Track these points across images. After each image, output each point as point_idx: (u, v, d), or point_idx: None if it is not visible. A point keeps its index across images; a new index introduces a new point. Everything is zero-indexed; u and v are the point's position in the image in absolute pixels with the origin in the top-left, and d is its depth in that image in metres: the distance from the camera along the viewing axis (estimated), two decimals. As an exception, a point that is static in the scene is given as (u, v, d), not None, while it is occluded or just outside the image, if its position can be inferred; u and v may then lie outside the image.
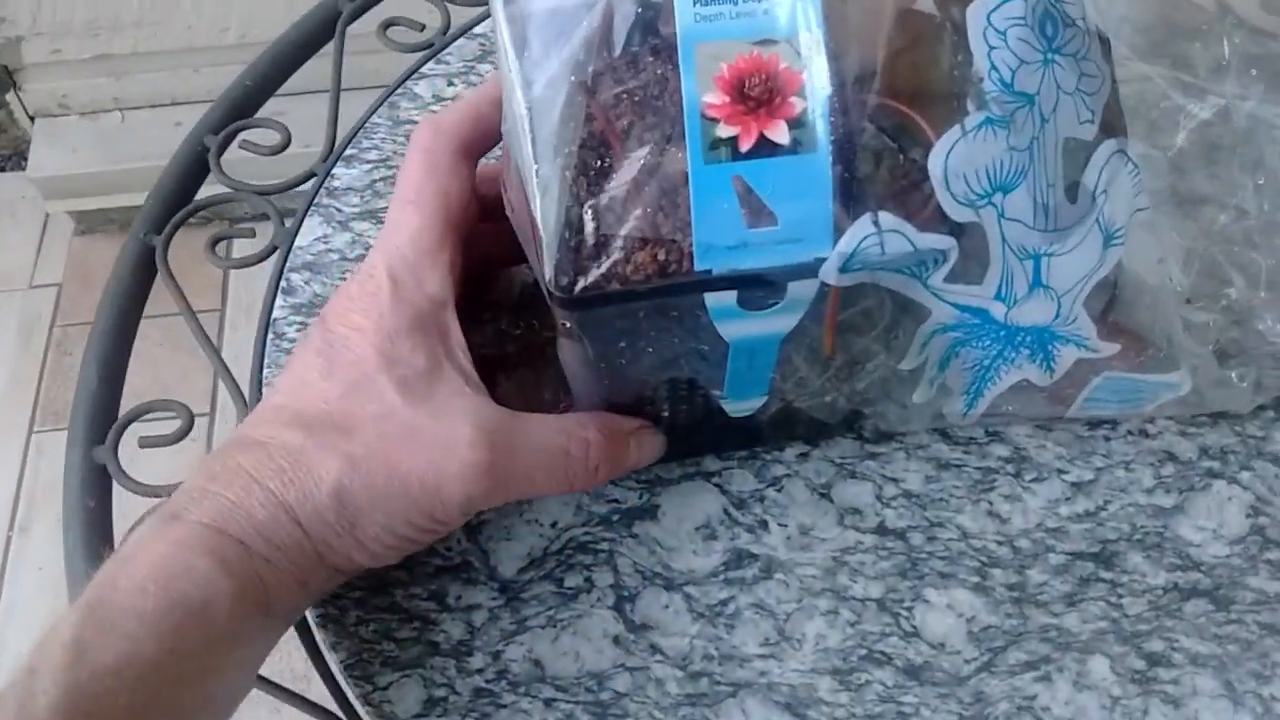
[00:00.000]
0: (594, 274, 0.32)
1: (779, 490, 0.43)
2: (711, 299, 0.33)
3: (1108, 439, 0.44)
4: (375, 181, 0.52)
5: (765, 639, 0.40)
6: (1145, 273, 0.40)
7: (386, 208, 0.50)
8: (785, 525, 0.42)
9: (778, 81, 0.31)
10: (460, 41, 0.57)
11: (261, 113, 0.57)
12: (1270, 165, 0.42)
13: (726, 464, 0.44)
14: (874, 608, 0.41)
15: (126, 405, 0.49)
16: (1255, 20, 0.54)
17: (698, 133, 0.31)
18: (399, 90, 0.55)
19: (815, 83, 0.31)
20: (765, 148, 0.31)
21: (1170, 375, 0.41)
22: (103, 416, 0.46)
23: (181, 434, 0.46)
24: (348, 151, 0.53)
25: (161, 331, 1.26)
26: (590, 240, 0.32)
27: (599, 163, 0.32)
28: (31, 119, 1.54)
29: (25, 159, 1.64)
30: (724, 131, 0.31)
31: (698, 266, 0.32)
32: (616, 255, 0.32)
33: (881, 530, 0.42)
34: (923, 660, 0.40)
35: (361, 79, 0.66)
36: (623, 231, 0.32)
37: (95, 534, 0.43)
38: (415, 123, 0.54)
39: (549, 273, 0.32)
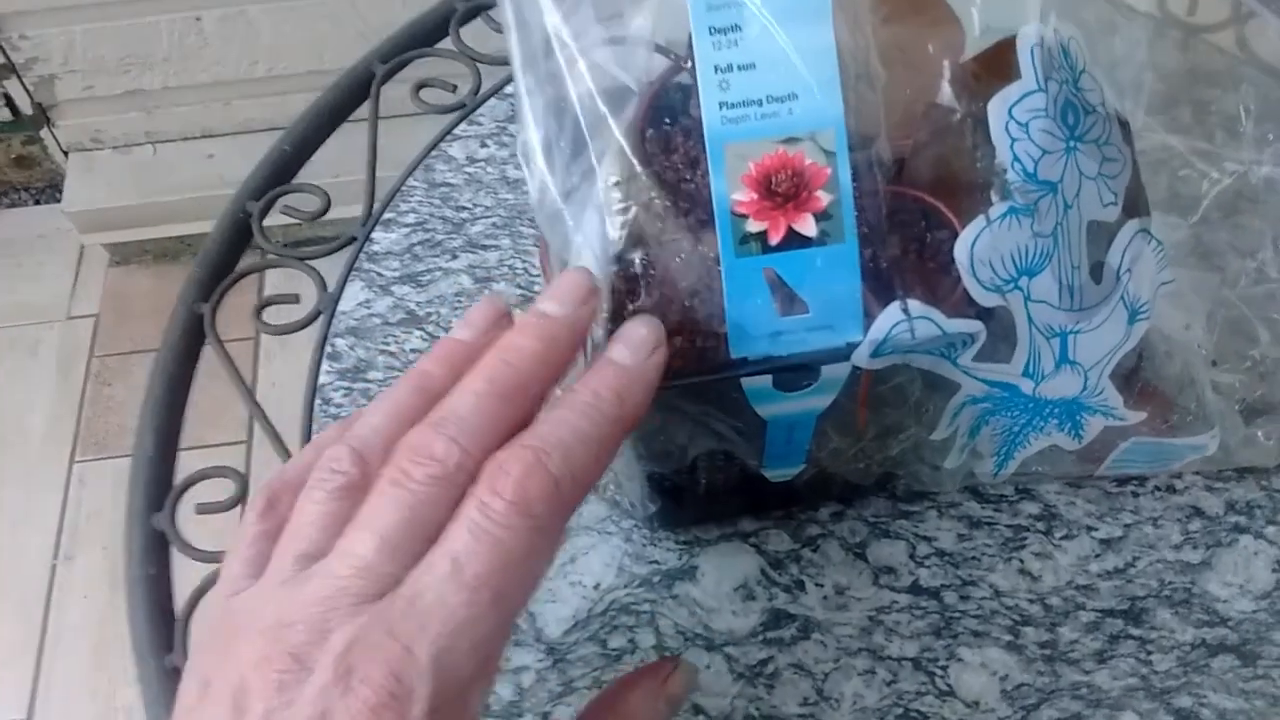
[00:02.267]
0: (635, 364, 0.33)
1: (815, 550, 0.44)
2: (748, 383, 0.34)
3: (1136, 495, 0.45)
4: (413, 245, 0.54)
5: (804, 699, 0.41)
6: (1172, 339, 0.41)
7: (425, 271, 0.52)
8: (821, 585, 0.44)
9: (804, 177, 0.32)
10: (492, 102, 0.59)
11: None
12: (1289, 226, 0.42)
13: (763, 524, 0.45)
14: (910, 667, 0.42)
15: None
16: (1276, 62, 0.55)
17: (728, 229, 0.32)
18: (433, 153, 0.57)
19: (841, 177, 0.32)
20: (794, 240, 0.32)
21: (1198, 438, 0.41)
22: (159, 484, 0.47)
23: (236, 500, 0.47)
24: (385, 215, 0.55)
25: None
26: (631, 333, 0.33)
27: (635, 258, 0.33)
28: (65, 153, 1.57)
29: (59, 192, 1.68)
30: (753, 226, 0.32)
31: (733, 354, 0.33)
32: (656, 347, 0.33)
33: (916, 589, 0.43)
34: (958, 718, 0.41)
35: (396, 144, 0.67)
36: (663, 322, 0.33)
37: (157, 600, 0.45)
38: (452, 184, 0.56)
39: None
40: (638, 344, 0.31)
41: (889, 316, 0.33)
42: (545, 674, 0.42)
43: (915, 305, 0.33)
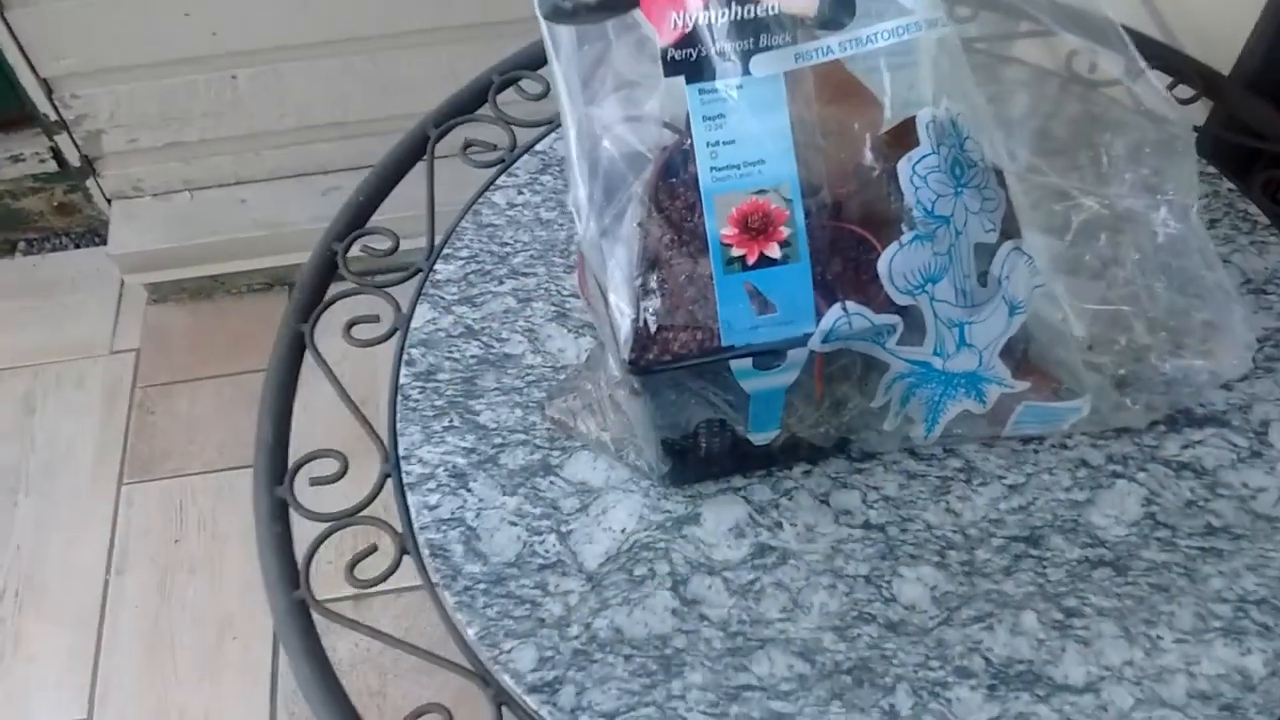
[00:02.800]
0: (653, 352, 0.47)
1: (789, 499, 0.58)
2: (735, 364, 0.48)
3: (1036, 451, 0.59)
4: (468, 274, 0.68)
5: (783, 607, 0.55)
6: (1052, 328, 0.54)
7: (478, 294, 0.65)
8: (795, 525, 0.57)
9: (770, 217, 0.46)
10: (525, 158, 0.73)
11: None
12: (1142, 246, 0.56)
13: (749, 480, 0.59)
14: (863, 582, 0.55)
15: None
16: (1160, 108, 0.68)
17: (718, 254, 0.46)
18: (480, 200, 0.71)
19: (796, 217, 0.46)
20: (765, 262, 0.46)
21: (1074, 402, 0.55)
22: (278, 463, 0.61)
23: (339, 475, 0.61)
24: (444, 251, 0.69)
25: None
26: (651, 330, 0.47)
27: (653, 276, 0.47)
28: (109, 201, 1.71)
29: (98, 236, 1.81)
30: (736, 252, 0.46)
31: (724, 343, 0.47)
32: (668, 339, 0.47)
33: (867, 526, 0.57)
34: (899, 618, 0.54)
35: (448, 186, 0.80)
36: (671, 323, 0.47)
37: (283, 550, 0.58)
38: (496, 225, 0.70)
39: (625, 354, 0.47)
40: None
41: (833, 314, 0.47)
42: (586, 595, 0.56)
43: (851, 305, 0.47)
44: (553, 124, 0.75)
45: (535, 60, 0.77)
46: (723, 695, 0.52)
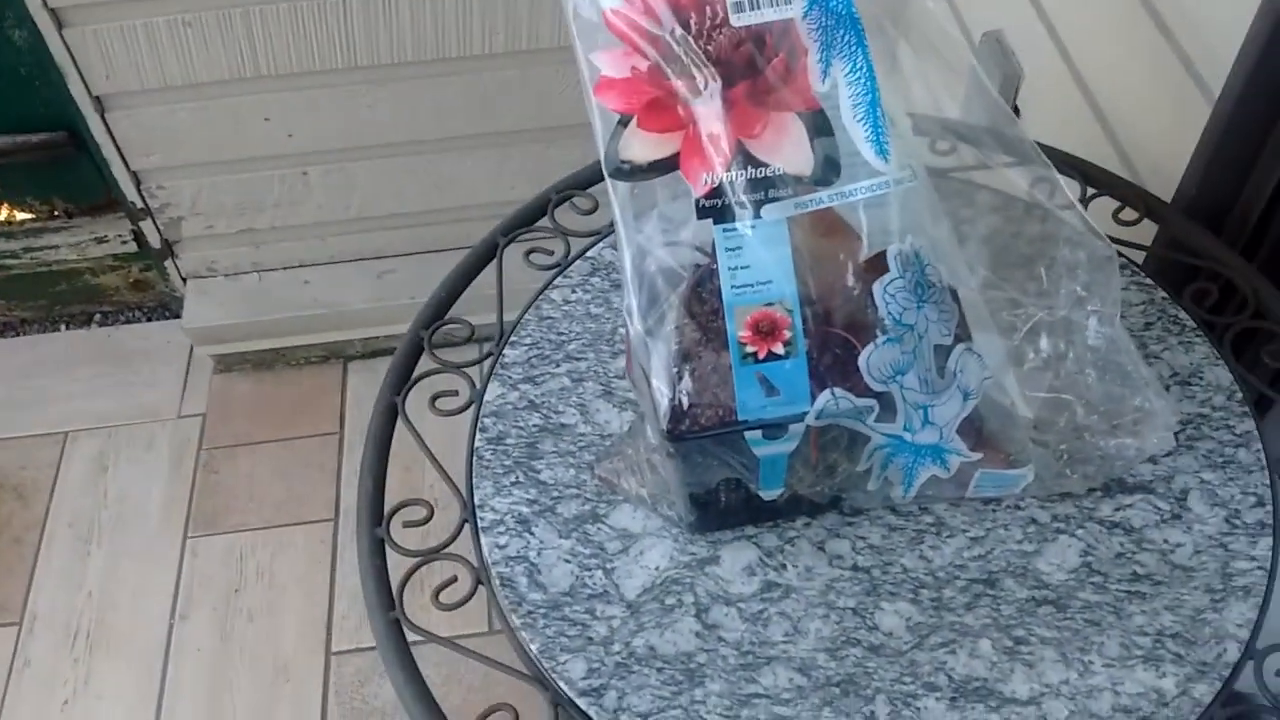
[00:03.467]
0: (685, 424, 0.61)
1: (792, 545, 0.72)
2: (748, 435, 0.62)
3: (994, 510, 0.73)
4: (531, 358, 0.82)
5: (786, 632, 0.68)
6: (1004, 411, 0.68)
7: (539, 374, 0.80)
8: (797, 566, 0.71)
9: (776, 323, 0.60)
10: (578, 263, 0.88)
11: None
12: (1077, 347, 0.70)
13: (760, 530, 0.72)
14: (851, 613, 0.69)
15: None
16: (1093, 231, 0.82)
17: (736, 351, 0.60)
18: (540, 297, 0.86)
19: (796, 323, 0.60)
20: (772, 357, 0.60)
21: (1021, 470, 0.69)
22: (377, 509, 0.75)
23: (426, 519, 0.75)
24: (511, 338, 0.84)
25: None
26: (684, 407, 0.61)
27: (686, 366, 0.61)
28: (184, 280, 1.87)
29: (168, 310, 1.98)
30: (750, 349, 0.60)
31: (739, 418, 0.61)
32: (696, 414, 0.61)
33: (855, 568, 0.71)
34: (879, 642, 0.68)
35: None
36: (700, 402, 0.61)
37: (381, 579, 0.72)
38: (553, 317, 0.85)
39: (663, 425, 0.61)
40: None
41: (824, 397, 0.61)
42: (626, 620, 0.69)
43: (839, 391, 0.61)
44: (601, 234, 0.90)
45: (585, 180, 0.93)
46: (736, 701, 0.66)
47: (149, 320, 2.02)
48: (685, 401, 0.61)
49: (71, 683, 1.59)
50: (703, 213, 0.61)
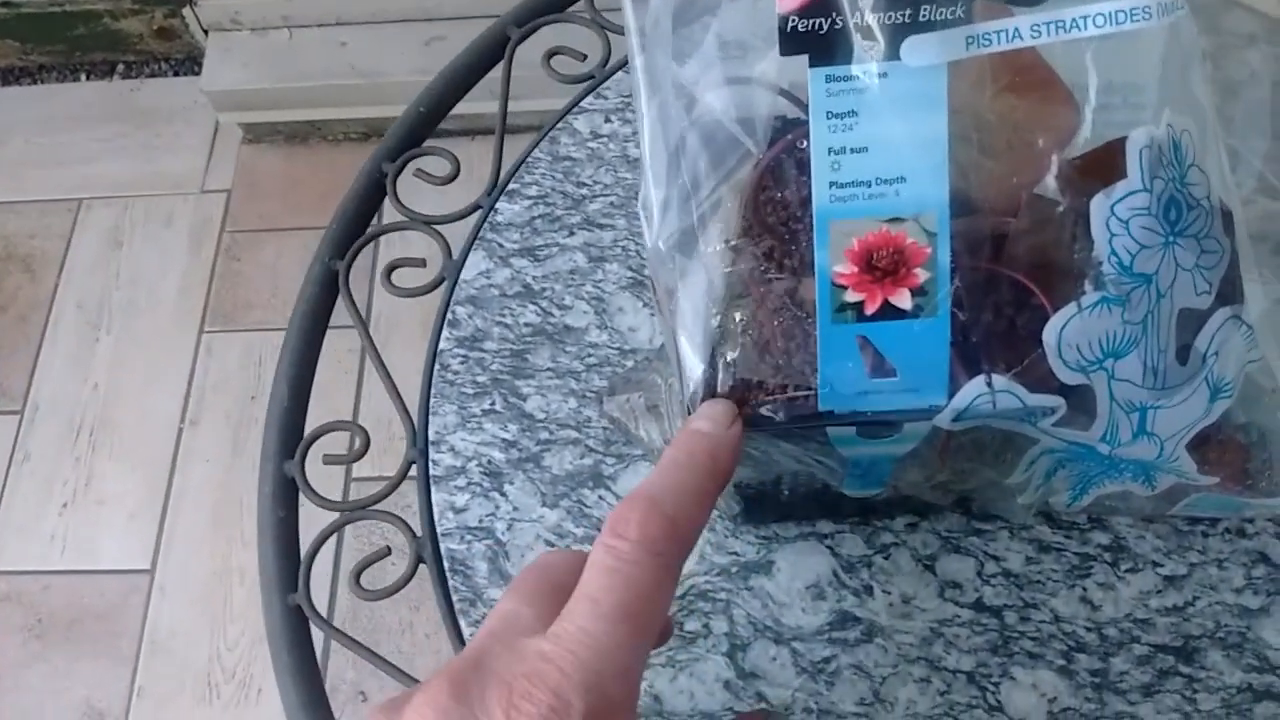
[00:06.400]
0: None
1: (886, 558, 0.47)
2: (833, 430, 0.37)
3: (1205, 535, 0.47)
4: (534, 219, 0.57)
5: (861, 699, 0.45)
6: (1256, 402, 0.42)
7: (543, 245, 0.54)
8: (889, 592, 0.47)
9: (904, 255, 0.34)
10: (619, 75, 0.61)
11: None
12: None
13: (839, 528, 0.48)
14: (964, 679, 0.45)
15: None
16: None
17: (827, 297, 0.34)
18: (559, 125, 0.59)
19: (940, 257, 0.34)
20: (888, 312, 0.34)
21: (1274, 500, 0.43)
22: (292, 433, 0.52)
23: (359, 454, 0.52)
24: (510, 186, 0.58)
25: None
26: (727, 381, 0.36)
27: (736, 314, 0.36)
28: (205, 32, 1.62)
29: (197, 64, 1.73)
30: (851, 297, 0.34)
31: (821, 408, 0.36)
32: (748, 396, 0.36)
33: (978, 606, 0.46)
34: (1003, 733, 0.44)
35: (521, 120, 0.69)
36: (755, 376, 0.35)
37: (286, 541, 0.50)
38: (574, 158, 0.58)
39: (691, 408, 0.36)
40: (718, 417, 0.34)
41: (973, 388, 0.35)
42: (626, 648, 0.46)
43: (999, 379, 0.35)
44: (657, 34, 0.62)
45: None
46: (773, 797, 0.43)
47: (176, 75, 1.78)
48: (729, 375, 0.36)
49: (71, 484, 1.45)
50: (792, 42, 0.33)
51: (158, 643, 1.36)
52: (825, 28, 0.33)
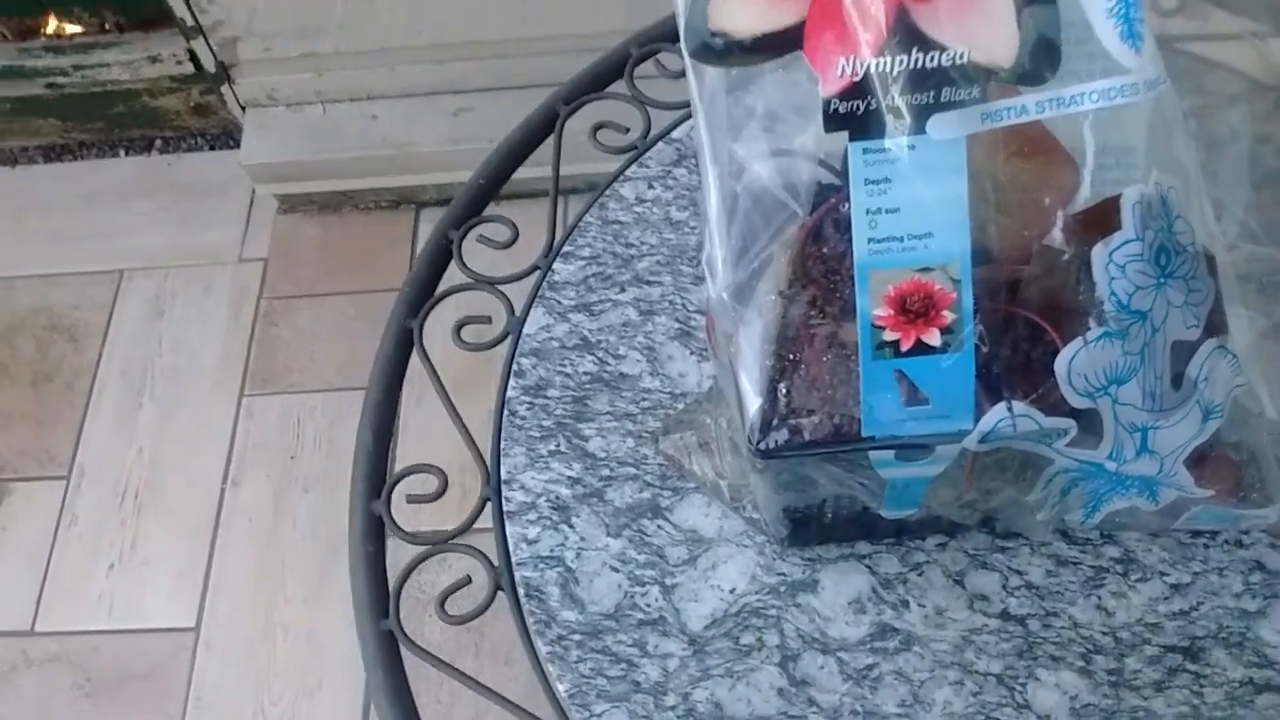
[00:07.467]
0: (783, 435, 0.41)
1: (920, 574, 0.52)
2: (874, 454, 0.42)
3: (1207, 546, 0.52)
4: (588, 278, 0.63)
5: (902, 701, 0.50)
6: (1243, 424, 0.47)
7: (597, 301, 0.60)
8: (924, 605, 0.52)
9: (933, 299, 0.40)
10: (659, 146, 0.67)
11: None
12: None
13: (876, 548, 0.53)
14: (994, 681, 0.50)
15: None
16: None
17: (868, 337, 0.40)
18: (606, 192, 0.65)
19: (964, 300, 0.40)
20: (922, 349, 0.40)
21: (1264, 510, 0.48)
22: (377, 475, 0.58)
23: (439, 493, 0.57)
24: (565, 249, 0.64)
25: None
26: (782, 413, 0.41)
27: (788, 353, 0.41)
28: (243, 108, 1.69)
29: (233, 138, 1.81)
30: (888, 336, 0.40)
31: (864, 433, 0.41)
32: (799, 423, 0.41)
33: (1005, 616, 0.51)
34: (1032, 728, 0.49)
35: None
36: (805, 405, 0.41)
37: (374, 572, 0.55)
38: (622, 222, 0.64)
39: (751, 436, 0.41)
40: None
41: (996, 413, 0.40)
42: (687, 661, 0.51)
43: (1019, 405, 0.40)
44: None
45: (675, 31, 0.71)
46: (826, 791, 0.48)
47: (212, 149, 1.85)
48: (783, 404, 0.41)
49: (118, 546, 1.50)
50: (834, 121, 0.39)
51: (203, 699, 1.40)
52: (862, 109, 0.39)
